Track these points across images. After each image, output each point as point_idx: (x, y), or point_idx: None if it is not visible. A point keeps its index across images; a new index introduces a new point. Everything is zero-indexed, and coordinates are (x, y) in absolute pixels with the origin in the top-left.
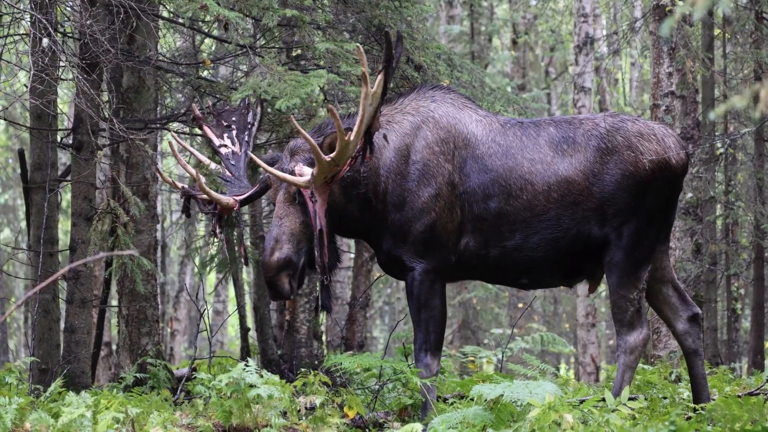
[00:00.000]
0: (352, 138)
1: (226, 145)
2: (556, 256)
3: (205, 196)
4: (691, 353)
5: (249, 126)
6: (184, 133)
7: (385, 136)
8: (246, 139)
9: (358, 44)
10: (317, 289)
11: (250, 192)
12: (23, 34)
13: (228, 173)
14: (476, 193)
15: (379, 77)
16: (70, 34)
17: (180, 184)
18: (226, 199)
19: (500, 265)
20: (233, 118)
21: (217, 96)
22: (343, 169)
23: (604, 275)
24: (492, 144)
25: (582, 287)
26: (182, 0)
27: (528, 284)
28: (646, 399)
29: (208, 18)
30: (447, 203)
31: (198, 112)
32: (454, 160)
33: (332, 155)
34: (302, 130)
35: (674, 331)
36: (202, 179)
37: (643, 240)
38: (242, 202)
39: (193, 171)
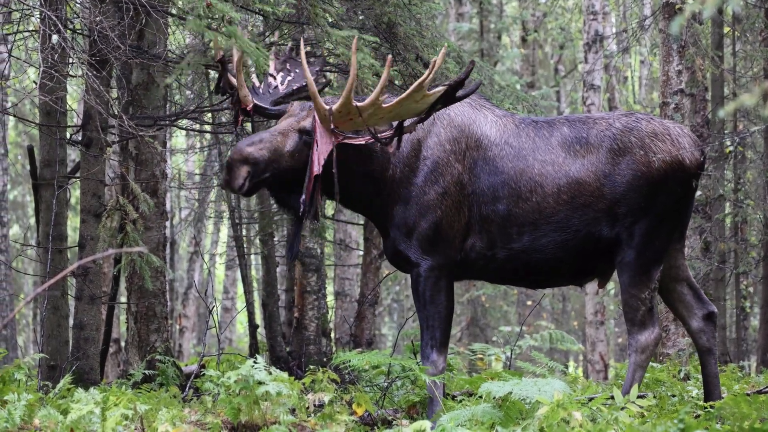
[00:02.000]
0: (384, 105)
1: (274, 77)
2: (565, 257)
3: (233, 80)
4: (705, 351)
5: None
6: (193, 129)
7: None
8: (294, 87)
9: (389, 55)
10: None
11: (268, 107)
12: (33, 30)
13: (260, 89)
14: (485, 194)
15: (441, 88)
16: (79, 31)
17: (220, 53)
18: (246, 93)
19: (507, 266)
20: (297, 70)
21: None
22: (357, 136)
23: (615, 272)
24: (504, 146)
25: (590, 285)
26: None
27: (536, 284)
28: (654, 397)
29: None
30: (454, 202)
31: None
32: (465, 161)
33: (361, 103)
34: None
35: (689, 329)
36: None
37: (655, 240)
38: (256, 108)
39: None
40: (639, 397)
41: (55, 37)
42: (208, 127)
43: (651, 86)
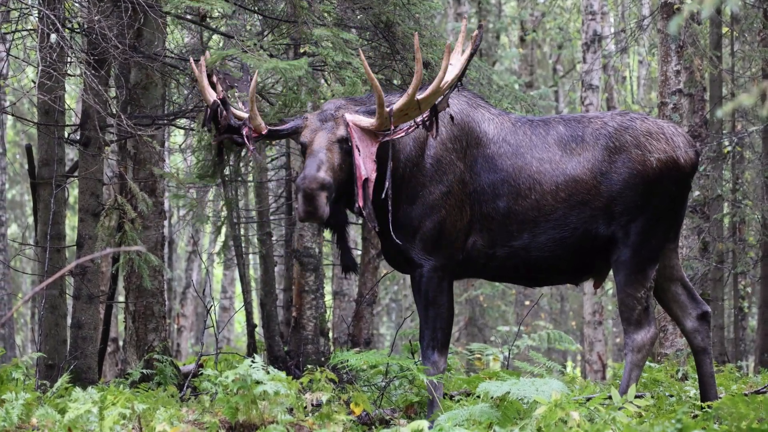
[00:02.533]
0: (426, 94)
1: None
2: (563, 254)
3: (240, 113)
4: (700, 351)
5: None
6: (191, 129)
7: (452, 117)
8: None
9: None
10: (340, 256)
11: (282, 127)
12: (31, 29)
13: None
14: (485, 192)
15: (466, 56)
16: (78, 30)
17: (219, 91)
18: (260, 120)
19: (507, 264)
20: (236, 84)
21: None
22: (400, 131)
23: (611, 271)
24: (503, 143)
25: (588, 285)
26: None
27: (535, 282)
28: (652, 397)
29: (215, 14)
30: (457, 201)
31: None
32: (466, 159)
33: (422, 96)
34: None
35: (683, 329)
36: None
37: (651, 238)
38: (270, 132)
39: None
40: (637, 397)
41: (53, 36)
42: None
43: (649, 86)
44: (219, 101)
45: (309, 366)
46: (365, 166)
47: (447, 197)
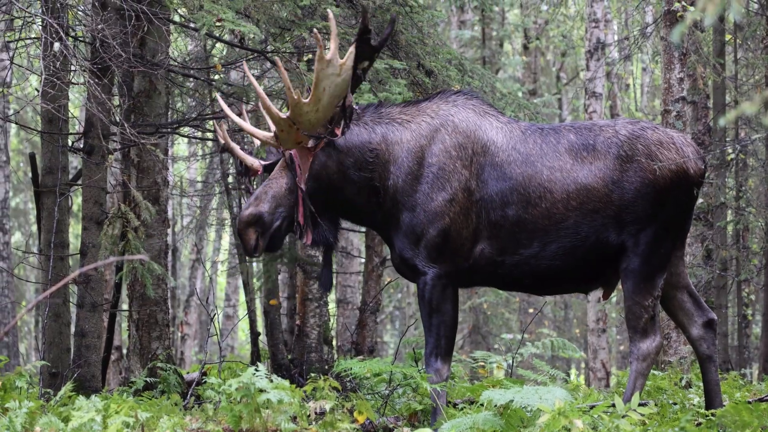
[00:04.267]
0: (305, 100)
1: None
2: (574, 263)
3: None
4: (705, 359)
5: None
6: (194, 137)
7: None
8: None
9: (330, 10)
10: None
11: (273, 160)
12: (35, 38)
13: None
14: (494, 200)
15: (351, 49)
16: (81, 38)
17: (225, 136)
18: (252, 160)
19: (515, 272)
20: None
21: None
22: (317, 137)
23: (619, 281)
24: (512, 152)
25: (593, 292)
26: (199, 12)
27: (543, 291)
28: (656, 405)
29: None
30: (462, 209)
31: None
32: (472, 167)
33: (287, 114)
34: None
35: (689, 337)
36: (233, 145)
37: (660, 247)
38: (266, 167)
39: (248, 127)
40: (640, 405)
41: (57, 45)
42: (210, 135)
43: (653, 94)
44: (224, 148)
45: (312, 374)
46: (301, 177)
47: (451, 204)
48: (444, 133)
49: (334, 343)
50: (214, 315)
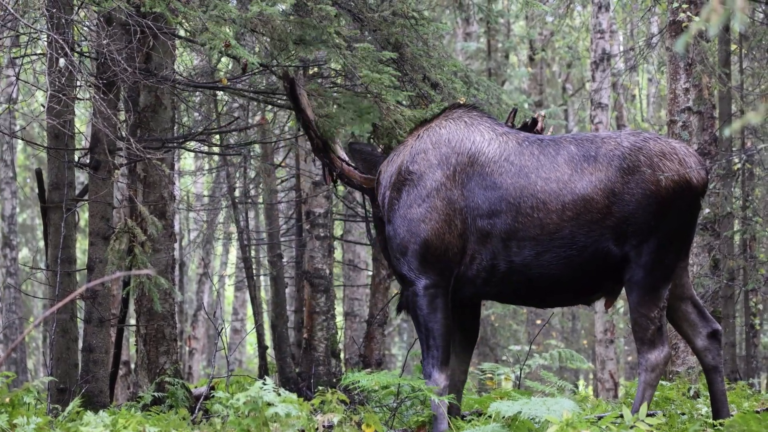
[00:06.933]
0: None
1: None
2: (571, 273)
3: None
4: (711, 370)
5: None
6: (201, 152)
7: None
8: None
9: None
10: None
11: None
12: (40, 54)
13: None
14: (480, 208)
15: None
16: (87, 54)
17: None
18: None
19: (509, 281)
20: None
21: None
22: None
23: (623, 290)
24: (503, 163)
25: (600, 303)
26: (208, 35)
27: (542, 302)
28: (664, 415)
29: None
30: (441, 217)
31: None
32: (456, 176)
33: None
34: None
35: (694, 348)
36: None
37: (664, 258)
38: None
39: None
40: (648, 415)
41: (62, 61)
42: (216, 149)
43: (659, 104)
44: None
45: (320, 387)
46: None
47: (430, 213)
48: (428, 143)
49: (341, 356)
50: (222, 329)
